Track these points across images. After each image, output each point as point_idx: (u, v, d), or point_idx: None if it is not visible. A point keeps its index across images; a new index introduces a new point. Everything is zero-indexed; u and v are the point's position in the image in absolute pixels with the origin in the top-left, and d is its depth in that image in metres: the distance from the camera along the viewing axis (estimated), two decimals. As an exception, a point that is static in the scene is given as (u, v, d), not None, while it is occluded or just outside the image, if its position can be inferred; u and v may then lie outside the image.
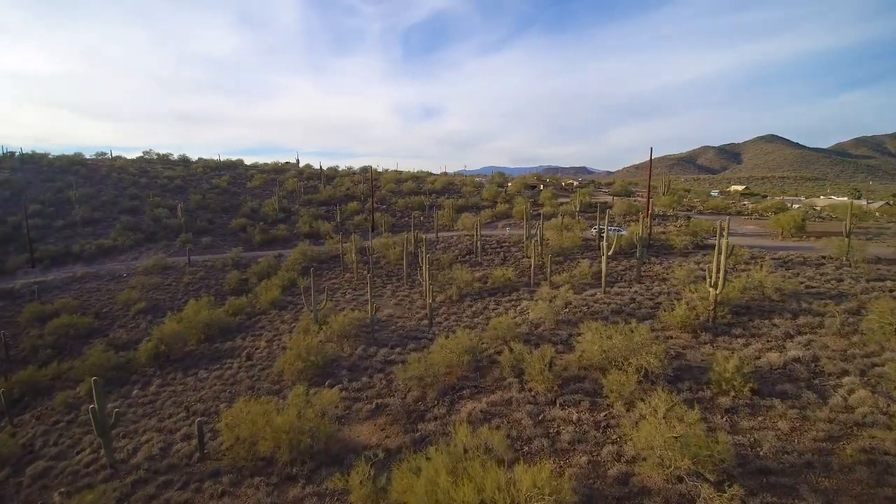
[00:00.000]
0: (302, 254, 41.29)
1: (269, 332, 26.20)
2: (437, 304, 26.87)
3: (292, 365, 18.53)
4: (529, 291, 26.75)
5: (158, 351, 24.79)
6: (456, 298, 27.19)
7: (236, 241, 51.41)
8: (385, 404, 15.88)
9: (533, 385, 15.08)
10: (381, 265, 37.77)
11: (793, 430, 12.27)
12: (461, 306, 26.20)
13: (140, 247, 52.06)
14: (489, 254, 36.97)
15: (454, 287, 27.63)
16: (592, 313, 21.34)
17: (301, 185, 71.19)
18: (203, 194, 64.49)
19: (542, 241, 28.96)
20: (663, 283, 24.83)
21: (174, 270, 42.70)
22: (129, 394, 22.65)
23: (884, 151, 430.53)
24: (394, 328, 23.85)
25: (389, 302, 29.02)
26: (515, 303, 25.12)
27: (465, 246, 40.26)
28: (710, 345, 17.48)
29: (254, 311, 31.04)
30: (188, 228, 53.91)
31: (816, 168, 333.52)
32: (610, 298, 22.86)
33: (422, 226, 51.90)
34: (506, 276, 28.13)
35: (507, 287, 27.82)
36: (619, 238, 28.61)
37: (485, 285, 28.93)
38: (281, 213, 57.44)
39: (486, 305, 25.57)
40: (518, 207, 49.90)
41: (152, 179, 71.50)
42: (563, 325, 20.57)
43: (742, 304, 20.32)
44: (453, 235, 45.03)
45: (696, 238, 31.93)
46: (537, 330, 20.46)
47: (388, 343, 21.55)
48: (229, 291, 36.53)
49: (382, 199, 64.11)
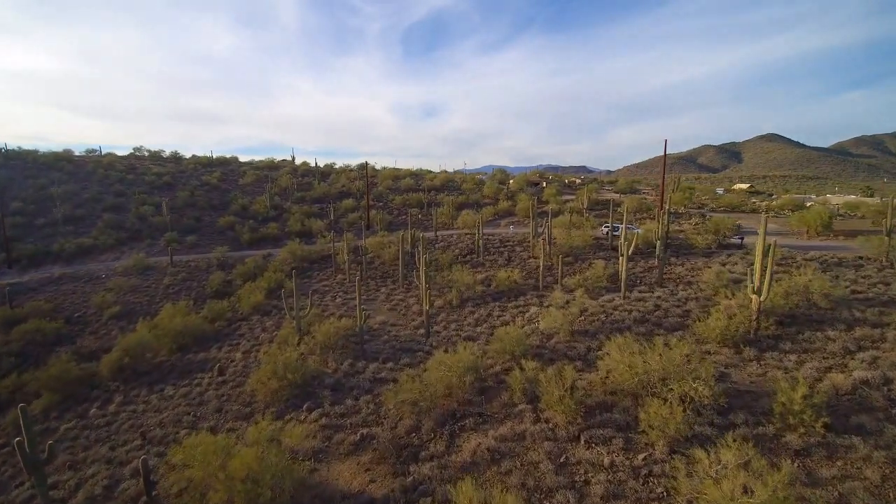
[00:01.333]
0: (291, 253, 38.65)
1: (248, 341, 23.54)
2: (435, 309, 24.22)
3: (266, 384, 15.87)
4: (538, 296, 24.09)
5: (123, 363, 22.12)
6: (456, 303, 24.53)
7: (224, 240, 48.70)
8: (372, 435, 13.23)
9: (550, 414, 12.43)
10: (376, 266, 35.11)
11: (885, 479, 9.62)
12: (462, 312, 23.55)
13: (123, 246, 49.38)
14: (492, 253, 34.30)
15: (454, 290, 24.99)
16: (613, 323, 18.67)
17: (295, 181, 68.50)
18: (192, 191, 61.77)
19: (550, 240, 26.36)
20: (689, 287, 22.16)
21: (155, 271, 40.04)
22: (87, 413, 19.99)
23: (884, 150, 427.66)
24: (386, 338, 21.17)
25: (383, 307, 26.36)
26: (523, 309, 22.47)
27: (465, 245, 37.60)
28: (757, 362, 14.83)
29: (235, 317, 28.39)
30: (174, 227, 51.23)
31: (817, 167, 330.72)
32: (631, 305, 20.19)
33: (420, 224, 49.23)
34: (511, 278, 25.48)
35: (513, 290, 25.16)
36: (636, 237, 25.96)
37: (488, 288, 26.28)
38: (272, 211, 54.76)
39: (489, 311, 22.91)
40: (522, 204, 47.26)
41: (140, 176, 68.78)
42: (580, 336, 17.91)
43: (786, 312, 17.66)
44: (453, 234, 42.38)
45: (718, 236, 29.27)
46: (550, 342, 17.80)
47: (379, 356, 18.88)
48: (211, 294, 33.87)
49: (379, 196, 61.42)
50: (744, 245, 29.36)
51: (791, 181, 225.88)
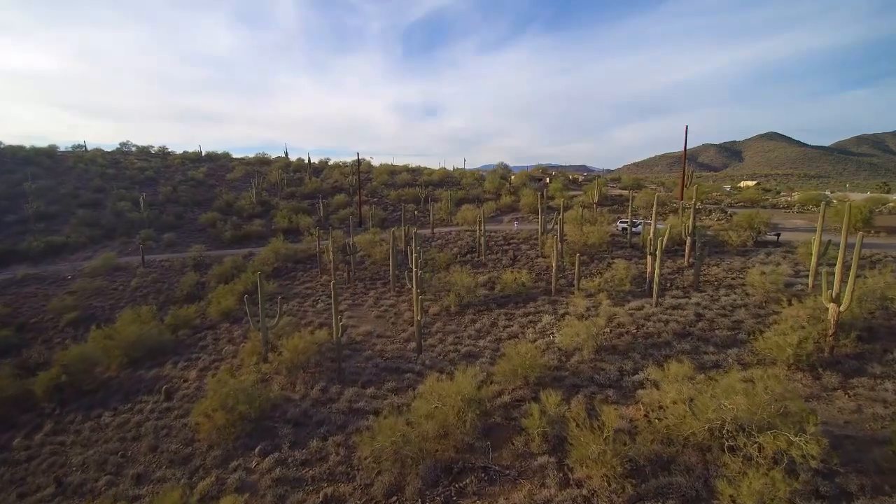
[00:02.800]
0: (274, 252, 35.14)
1: (209, 355, 20.05)
2: (430, 317, 20.77)
3: (211, 418, 12.40)
4: (551, 301, 20.62)
5: (60, 382, 18.64)
6: (455, 310, 21.07)
7: (205, 238, 45.19)
8: (339, 497, 9.77)
9: (584, 474, 8.99)
10: (366, 266, 31.63)
11: None
12: (461, 321, 20.08)
13: (96, 244, 45.76)
14: (495, 252, 30.84)
15: (452, 294, 21.51)
16: (647, 337, 15.21)
17: (285, 177, 64.91)
18: (174, 186, 58.16)
19: (562, 237, 22.93)
20: (731, 292, 18.68)
21: (125, 272, 36.51)
22: (10, 443, 16.52)
23: (885, 149, 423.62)
24: (370, 353, 17.68)
25: (370, 314, 22.88)
26: (534, 317, 19.00)
27: (465, 243, 34.13)
28: (844, 391, 11.41)
29: (203, 324, 24.90)
30: (152, 224, 47.69)
31: (818, 166, 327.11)
32: (666, 314, 16.71)
33: (416, 221, 45.73)
34: (519, 280, 22.02)
35: (521, 295, 21.69)
36: (666, 232, 22.46)
37: (491, 292, 22.82)
38: (258, 207, 51.20)
39: (494, 320, 19.45)
40: (526, 199, 43.76)
41: (121, 171, 65.16)
42: (609, 354, 14.46)
43: (863, 324, 14.24)
44: (451, 231, 38.91)
45: (754, 232, 25.75)
46: (570, 361, 14.34)
47: (359, 378, 15.40)
48: (182, 298, 30.36)
49: (373, 191, 57.88)
50: (781, 242, 25.94)
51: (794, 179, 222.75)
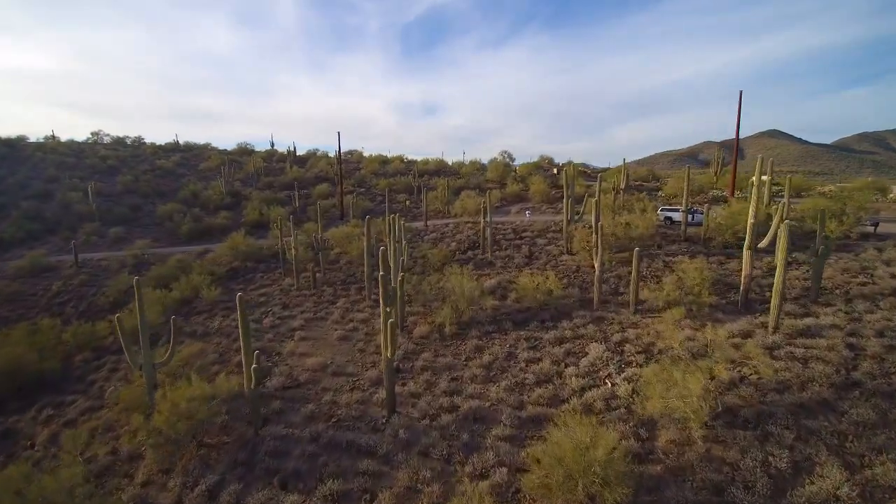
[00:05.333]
0: (232, 249, 28.64)
1: (89, 398, 13.53)
2: (415, 342, 14.27)
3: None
4: (594, 318, 14.10)
5: None
6: (451, 330, 14.54)
7: (160, 233, 38.72)
8: None
9: None
10: (341, 265, 25.17)
11: None
12: (461, 349, 13.57)
13: (36, 240, 39.11)
14: (504, 248, 24.39)
15: (447, 307, 14.96)
16: (783, 390, 8.69)
17: (263, 166, 58.33)
18: (137, 176, 51.49)
19: (598, 228, 16.50)
20: (876, 306, 12.17)
21: (54, 273, 29.89)
22: None
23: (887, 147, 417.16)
24: (314, 409, 11.14)
25: (332, 332, 16.32)
26: (573, 346, 12.51)
27: (465, 237, 27.67)
28: None
29: (112, 345, 18.39)
30: (102, 217, 41.13)
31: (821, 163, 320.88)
32: (796, 345, 10.18)
33: (409, 213, 39.23)
34: (544, 286, 15.46)
35: (549, 308, 15.17)
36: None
37: (503, 302, 16.34)
38: (228, 198, 44.63)
39: (510, 348, 12.97)
40: (537, 187, 37.23)
41: (82, 160, 58.44)
42: (728, 427, 7.96)
43: None
44: (448, 224, 32.43)
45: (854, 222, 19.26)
46: (661, 442, 7.85)
47: (280, 465, 8.88)
48: (108, 306, 23.88)
49: (361, 180, 51.27)
50: (881, 233, 19.55)
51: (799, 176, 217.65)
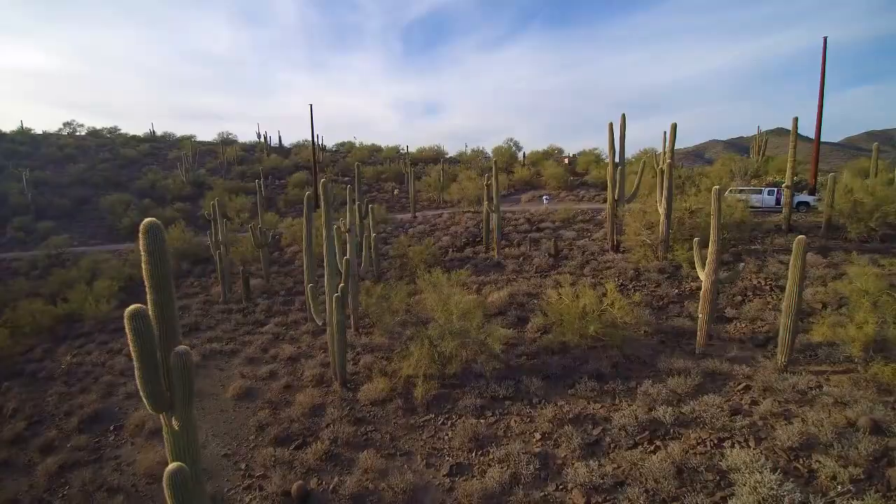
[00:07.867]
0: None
1: None
2: (359, 413, 8.00)
3: None
4: (704, 372, 7.74)
5: None
6: (426, 397, 8.12)
7: (102, 228, 32.62)
8: None
9: None
10: (294, 268, 18.92)
11: None
12: (438, 438, 7.22)
13: (-44, 237, 33.01)
14: (516, 243, 18.13)
15: (420, 347, 8.48)
16: None
17: (242, 155, 52.21)
18: (93, 165, 45.33)
19: (669, 215, 10.16)
20: None
21: (-54, 276, 23.73)
22: None
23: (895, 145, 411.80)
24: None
25: (233, 381, 10.00)
26: (683, 446, 6.24)
27: (463, 229, 21.41)
28: None
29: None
30: (40, 210, 35.08)
31: (829, 161, 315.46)
32: None
33: (397, 203, 33.00)
34: (597, 308, 9.03)
35: (607, 346, 8.83)
36: None
37: (520, 332, 10.05)
38: (189, 188, 38.45)
39: (542, 443, 6.67)
40: (551, 171, 30.89)
41: (37, 148, 52.29)
42: None
43: None
44: (443, 214, 26.19)
45: None
46: None
47: None
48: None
49: (347, 168, 45.09)
50: None
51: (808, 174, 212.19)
